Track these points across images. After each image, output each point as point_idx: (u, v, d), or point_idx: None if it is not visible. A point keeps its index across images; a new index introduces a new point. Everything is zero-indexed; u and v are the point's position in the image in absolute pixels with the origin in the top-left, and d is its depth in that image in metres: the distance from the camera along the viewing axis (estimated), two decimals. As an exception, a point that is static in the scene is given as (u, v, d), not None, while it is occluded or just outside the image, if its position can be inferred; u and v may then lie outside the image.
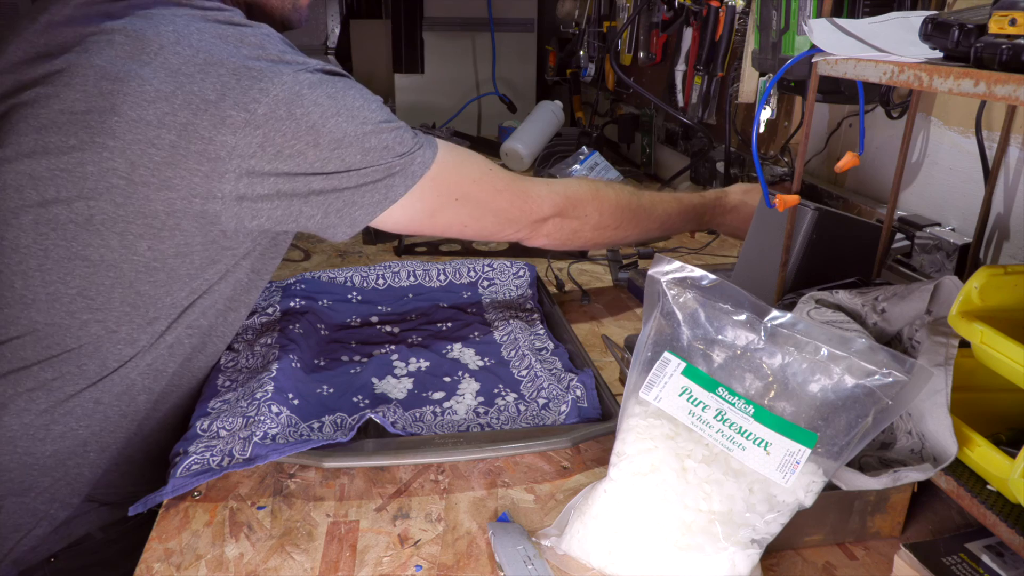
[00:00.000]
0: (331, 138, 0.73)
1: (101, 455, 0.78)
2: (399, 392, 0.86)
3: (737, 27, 1.48)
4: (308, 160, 0.73)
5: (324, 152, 0.73)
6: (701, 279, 0.63)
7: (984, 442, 0.57)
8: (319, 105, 0.73)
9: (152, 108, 0.68)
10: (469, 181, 0.86)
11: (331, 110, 0.73)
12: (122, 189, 0.69)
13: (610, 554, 0.60)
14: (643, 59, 1.87)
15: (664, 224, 1.08)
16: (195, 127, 0.69)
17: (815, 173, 1.34)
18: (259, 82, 0.70)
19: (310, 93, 0.72)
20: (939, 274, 0.90)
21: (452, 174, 0.84)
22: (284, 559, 0.62)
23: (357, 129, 0.75)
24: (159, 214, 0.71)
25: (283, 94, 0.71)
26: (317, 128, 0.73)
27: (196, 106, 0.68)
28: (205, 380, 0.87)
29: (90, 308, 0.73)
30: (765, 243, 0.93)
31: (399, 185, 0.79)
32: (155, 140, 0.68)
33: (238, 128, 0.70)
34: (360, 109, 0.76)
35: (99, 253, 0.71)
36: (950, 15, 0.59)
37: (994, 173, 0.84)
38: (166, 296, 0.76)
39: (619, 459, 0.62)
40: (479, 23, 2.72)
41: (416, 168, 0.80)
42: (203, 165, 0.70)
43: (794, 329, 0.59)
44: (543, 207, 0.93)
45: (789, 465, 0.56)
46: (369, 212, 0.79)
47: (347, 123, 0.74)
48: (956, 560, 0.57)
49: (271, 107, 0.70)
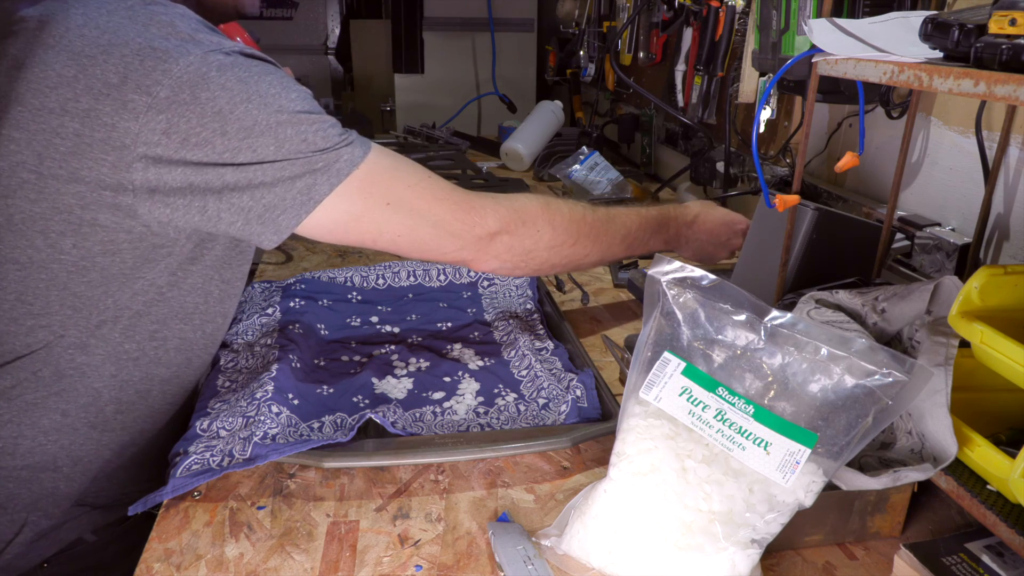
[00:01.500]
0: (240, 126, 0.68)
1: (75, 468, 0.77)
2: (399, 392, 0.86)
3: (737, 27, 1.48)
4: (216, 149, 0.68)
5: (233, 141, 0.68)
6: (701, 279, 0.63)
7: (984, 442, 0.57)
8: (227, 89, 0.67)
9: (54, 94, 0.65)
10: (403, 186, 0.78)
11: (241, 95, 0.68)
12: (33, 184, 0.66)
13: (610, 554, 0.60)
14: (643, 59, 1.87)
15: (626, 239, 0.98)
16: (97, 113, 0.65)
17: (815, 173, 1.34)
18: (163, 63, 0.66)
19: (218, 76, 0.67)
20: (939, 274, 0.90)
21: (384, 176, 0.77)
22: (284, 559, 0.62)
23: (270, 118, 0.69)
24: (73, 208, 0.67)
25: (187, 76, 0.66)
26: (224, 114, 0.67)
27: (98, 91, 0.65)
28: (192, 390, 0.85)
29: (31, 313, 0.71)
30: (765, 243, 0.93)
31: (322, 184, 0.72)
32: (59, 129, 0.65)
33: (140, 113, 0.65)
34: (275, 96, 0.70)
35: (27, 254, 0.69)
36: (950, 15, 0.59)
37: (994, 173, 0.84)
38: (105, 297, 0.73)
39: (619, 459, 0.62)
40: (479, 23, 2.72)
41: (342, 166, 0.73)
42: (108, 154, 0.66)
43: (794, 329, 0.59)
44: (487, 221, 0.83)
45: (789, 465, 0.56)
46: (293, 216, 0.72)
47: (258, 110, 0.68)
48: (956, 560, 0.57)
49: (174, 90, 0.65)
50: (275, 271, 1.28)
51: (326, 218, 0.74)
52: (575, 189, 1.68)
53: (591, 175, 1.71)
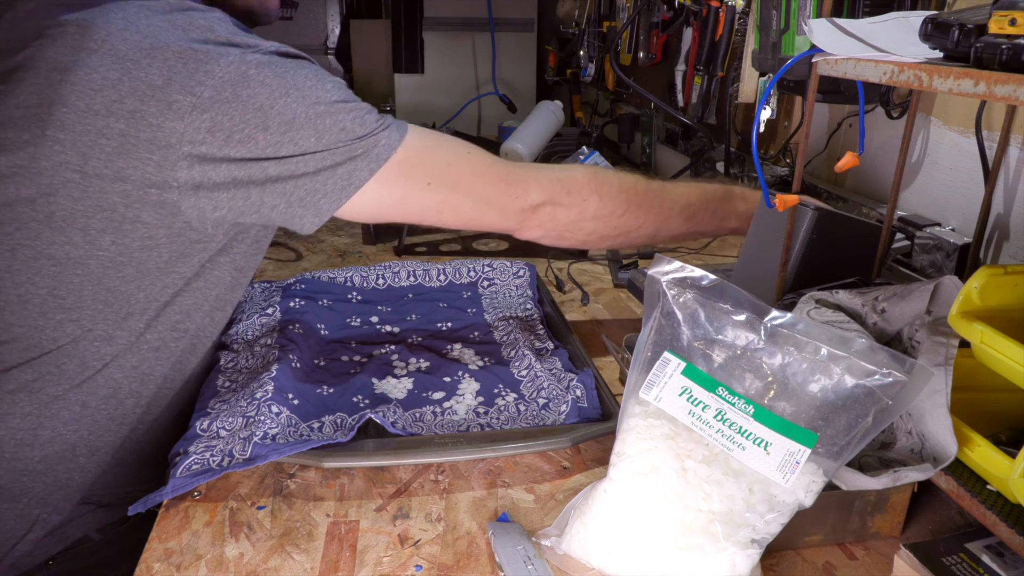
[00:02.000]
0: (281, 120, 0.70)
1: (91, 459, 0.78)
2: (399, 392, 0.86)
3: (737, 27, 1.48)
4: (259, 144, 0.70)
5: (275, 135, 0.70)
6: (701, 279, 0.63)
7: (984, 442, 0.57)
8: (266, 85, 0.70)
9: (99, 96, 0.67)
10: (443, 165, 0.80)
11: (279, 90, 0.70)
12: (77, 183, 0.68)
13: (610, 554, 0.60)
14: (643, 59, 1.87)
15: (685, 210, 0.93)
16: (143, 114, 0.67)
17: (815, 173, 1.34)
18: (205, 64, 0.68)
19: (257, 73, 0.70)
20: (939, 274, 0.90)
21: (423, 157, 0.79)
22: (284, 559, 0.62)
23: (309, 110, 0.71)
24: (117, 207, 0.69)
25: (228, 75, 0.68)
26: (265, 110, 0.70)
27: (143, 92, 0.67)
28: (198, 383, 0.86)
29: (62, 307, 0.72)
30: (765, 243, 0.93)
31: (362, 169, 0.74)
32: (104, 130, 0.67)
33: (185, 113, 0.67)
34: (311, 88, 0.72)
35: (64, 251, 0.70)
36: (950, 15, 0.59)
37: (994, 173, 0.84)
38: (138, 291, 0.74)
39: (619, 459, 0.62)
40: (479, 23, 2.72)
41: (380, 151, 0.75)
42: (154, 153, 0.68)
43: (794, 329, 0.59)
44: (530, 192, 0.84)
45: (789, 465, 0.56)
46: (334, 200, 0.75)
47: (297, 103, 0.71)
48: (956, 560, 0.57)
49: (216, 89, 0.68)
50: (275, 271, 1.28)
51: (368, 201, 0.76)
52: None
53: (591, 175, 1.71)
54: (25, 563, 0.77)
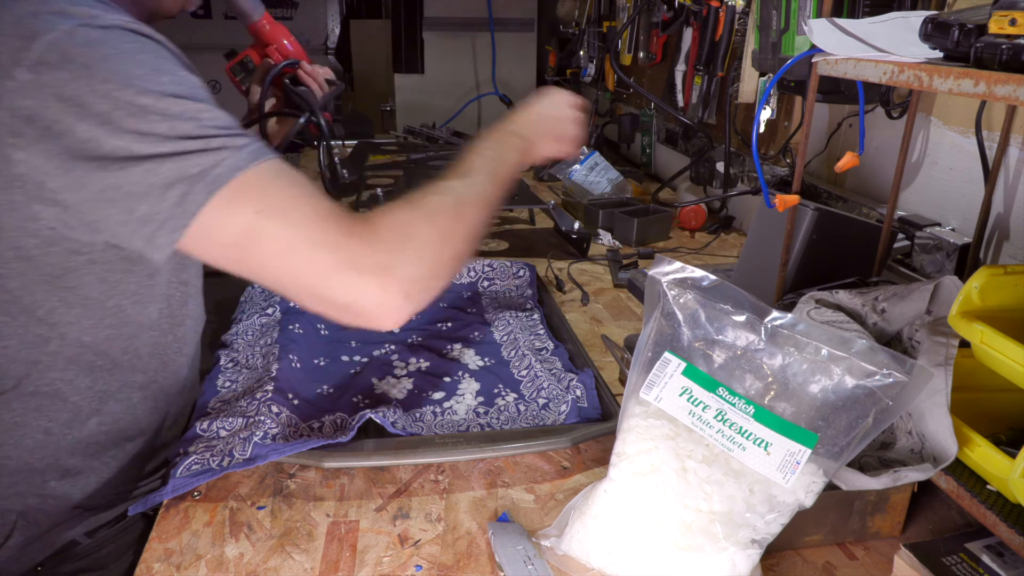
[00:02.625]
0: (97, 110, 0.59)
1: (63, 481, 0.75)
2: (399, 392, 0.86)
3: (737, 27, 1.48)
4: (79, 138, 0.59)
5: (91, 127, 0.59)
6: (702, 280, 0.63)
7: (984, 442, 0.57)
8: (87, 68, 0.59)
9: None
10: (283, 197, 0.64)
11: (102, 75, 0.59)
12: None
13: (610, 554, 0.60)
14: (643, 59, 1.87)
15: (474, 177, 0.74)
16: None
17: (815, 173, 1.34)
18: (28, 41, 0.59)
19: (81, 53, 0.60)
20: (939, 274, 0.90)
21: (266, 187, 0.63)
22: (284, 559, 0.62)
23: (133, 99, 0.60)
24: None
25: (49, 55, 0.59)
26: (82, 97, 0.59)
27: None
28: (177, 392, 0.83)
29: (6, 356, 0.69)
30: (765, 243, 0.93)
31: (198, 192, 0.61)
32: None
33: (3, 96, 0.59)
34: (141, 77, 0.61)
35: None
36: (950, 15, 0.59)
37: (994, 173, 0.84)
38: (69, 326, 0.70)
39: (619, 459, 0.62)
40: (479, 23, 2.72)
41: (222, 171, 0.61)
42: None
43: (794, 330, 0.59)
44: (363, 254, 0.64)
45: (789, 465, 0.56)
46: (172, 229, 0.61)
47: (120, 92, 0.60)
48: (956, 560, 0.57)
49: (35, 71, 0.59)
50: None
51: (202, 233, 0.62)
52: (575, 189, 1.68)
53: (591, 175, 1.71)
54: (12, 569, 0.75)
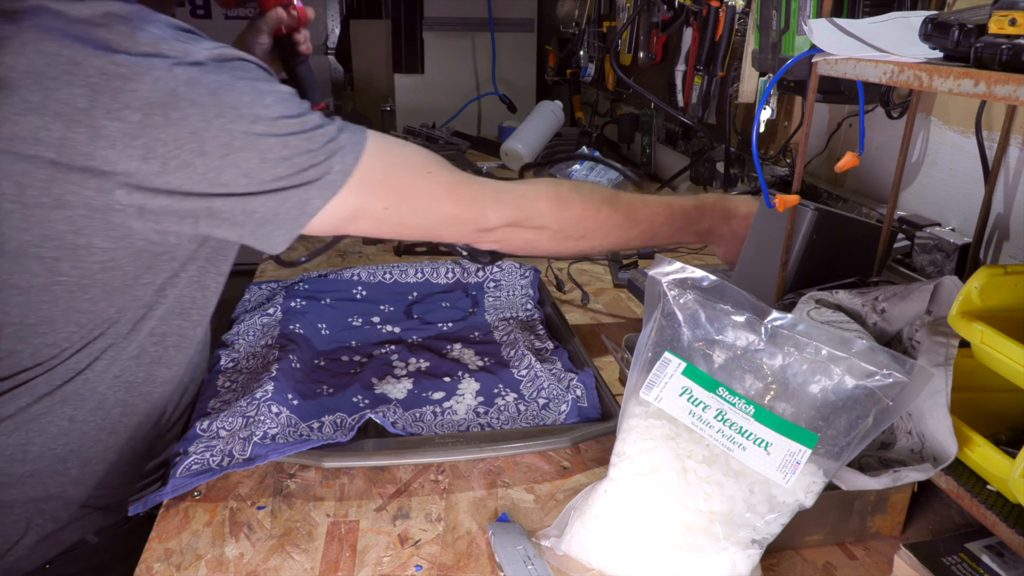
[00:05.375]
0: (218, 143, 0.64)
1: (83, 470, 0.76)
2: (399, 392, 0.86)
3: (737, 27, 1.48)
4: (198, 171, 0.65)
5: (213, 160, 0.65)
6: (702, 280, 0.63)
7: (984, 442, 0.57)
8: (198, 105, 0.64)
9: (23, 122, 0.62)
10: (400, 189, 0.76)
11: (214, 110, 0.64)
12: (19, 213, 0.64)
13: (610, 554, 0.60)
14: (643, 59, 1.86)
15: (645, 232, 0.94)
16: (72, 142, 0.62)
17: (815, 173, 1.34)
18: (128, 82, 0.62)
19: (188, 92, 0.64)
20: (939, 274, 0.90)
21: (380, 179, 0.74)
22: (284, 559, 0.62)
23: (248, 129, 0.65)
24: (66, 234, 0.65)
25: (156, 95, 0.62)
26: (200, 133, 0.64)
27: (68, 117, 0.62)
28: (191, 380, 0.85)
29: (36, 332, 0.70)
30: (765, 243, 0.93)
31: (315, 198, 0.69)
32: (34, 159, 0.62)
33: (115, 140, 0.62)
34: (249, 105, 0.66)
35: (26, 280, 0.67)
36: (950, 15, 0.58)
37: (994, 173, 0.84)
38: (108, 307, 0.72)
39: (619, 459, 0.62)
40: (479, 23, 2.72)
41: (335, 177, 0.70)
42: (90, 180, 0.63)
43: (794, 330, 0.59)
44: (487, 215, 0.82)
45: (790, 465, 0.56)
46: (287, 231, 0.70)
47: (235, 123, 0.65)
48: (956, 560, 0.57)
49: (145, 113, 0.62)
50: (276, 271, 1.28)
51: (321, 225, 0.72)
52: (575, 189, 1.68)
53: (591, 175, 1.71)
54: (22, 567, 0.76)
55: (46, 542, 0.77)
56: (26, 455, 0.73)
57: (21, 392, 0.71)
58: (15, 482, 0.73)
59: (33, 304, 0.69)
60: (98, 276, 0.69)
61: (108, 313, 0.72)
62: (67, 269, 0.68)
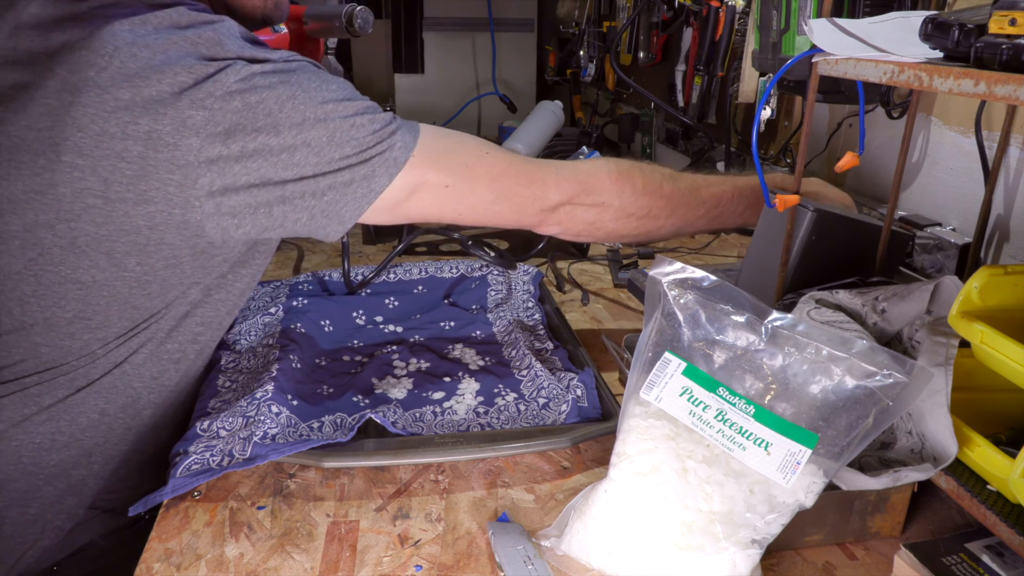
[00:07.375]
0: (291, 122, 0.70)
1: (105, 466, 0.78)
2: (399, 392, 0.86)
3: (737, 27, 1.48)
4: (273, 150, 0.70)
5: (287, 138, 0.70)
6: (702, 280, 0.63)
7: (984, 442, 0.57)
8: (272, 89, 0.69)
9: (113, 119, 0.65)
10: (461, 167, 0.79)
11: (286, 93, 0.70)
12: (100, 208, 0.67)
13: (610, 554, 0.60)
14: (643, 59, 1.87)
15: (712, 211, 0.91)
16: (159, 134, 0.66)
17: (815, 173, 1.34)
18: (212, 77, 0.68)
19: (263, 80, 0.69)
20: (939, 274, 0.90)
21: (440, 159, 0.78)
22: (284, 559, 0.62)
23: (317, 109, 0.71)
24: (142, 229, 0.69)
25: (236, 85, 0.68)
26: (274, 114, 0.69)
27: (156, 111, 0.66)
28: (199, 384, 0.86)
29: (89, 328, 0.72)
30: (765, 243, 0.93)
31: (381, 175, 0.74)
32: (123, 153, 0.66)
33: (200, 127, 0.67)
34: (317, 89, 0.72)
35: (90, 274, 0.69)
36: (950, 15, 0.58)
37: (994, 173, 0.84)
38: (161, 305, 0.75)
39: (619, 459, 0.62)
40: (479, 23, 2.72)
41: (397, 153, 0.74)
42: (174, 173, 0.67)
43: (794, 330, 0.59)
44: (549, 193, 0.83)
45: (790, 466, 0.56)
46: (355, 208, 0.74)
47: (305, 104, 0.70)
48: (956, 560, 0.57)
49: (226, 100, 0.68)
50: (276, 270, 1.28)
51: (384, 206, 0.75)
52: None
53: (591, 175, 1.71)
54: (33, 569, 0.77)
55: (57, 544, 0.77)
56: (54, 443, 0.74)
57: (61, 383, 0.73)
58: (40, 472, 0.74)
59: (92, 299, 0.71)
60: (159, 273, 0.72)
61: (159, 310, 0.75)
62: (133, 265, 0.70)
